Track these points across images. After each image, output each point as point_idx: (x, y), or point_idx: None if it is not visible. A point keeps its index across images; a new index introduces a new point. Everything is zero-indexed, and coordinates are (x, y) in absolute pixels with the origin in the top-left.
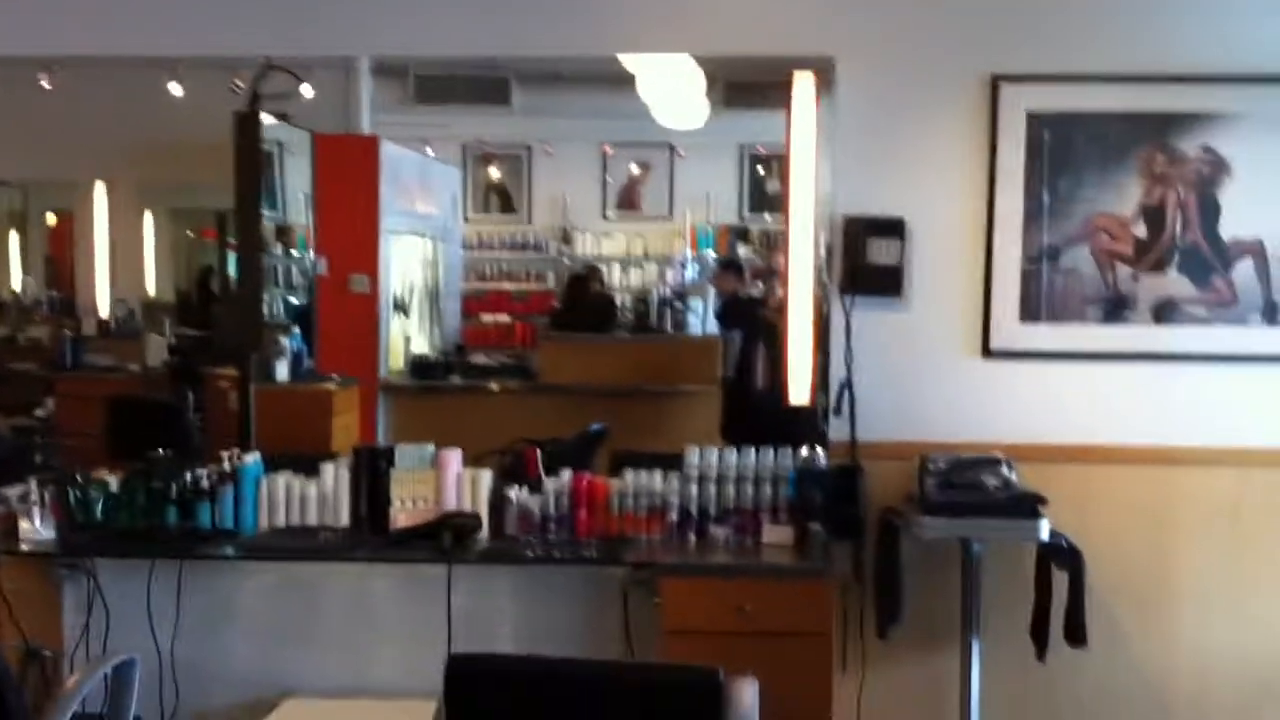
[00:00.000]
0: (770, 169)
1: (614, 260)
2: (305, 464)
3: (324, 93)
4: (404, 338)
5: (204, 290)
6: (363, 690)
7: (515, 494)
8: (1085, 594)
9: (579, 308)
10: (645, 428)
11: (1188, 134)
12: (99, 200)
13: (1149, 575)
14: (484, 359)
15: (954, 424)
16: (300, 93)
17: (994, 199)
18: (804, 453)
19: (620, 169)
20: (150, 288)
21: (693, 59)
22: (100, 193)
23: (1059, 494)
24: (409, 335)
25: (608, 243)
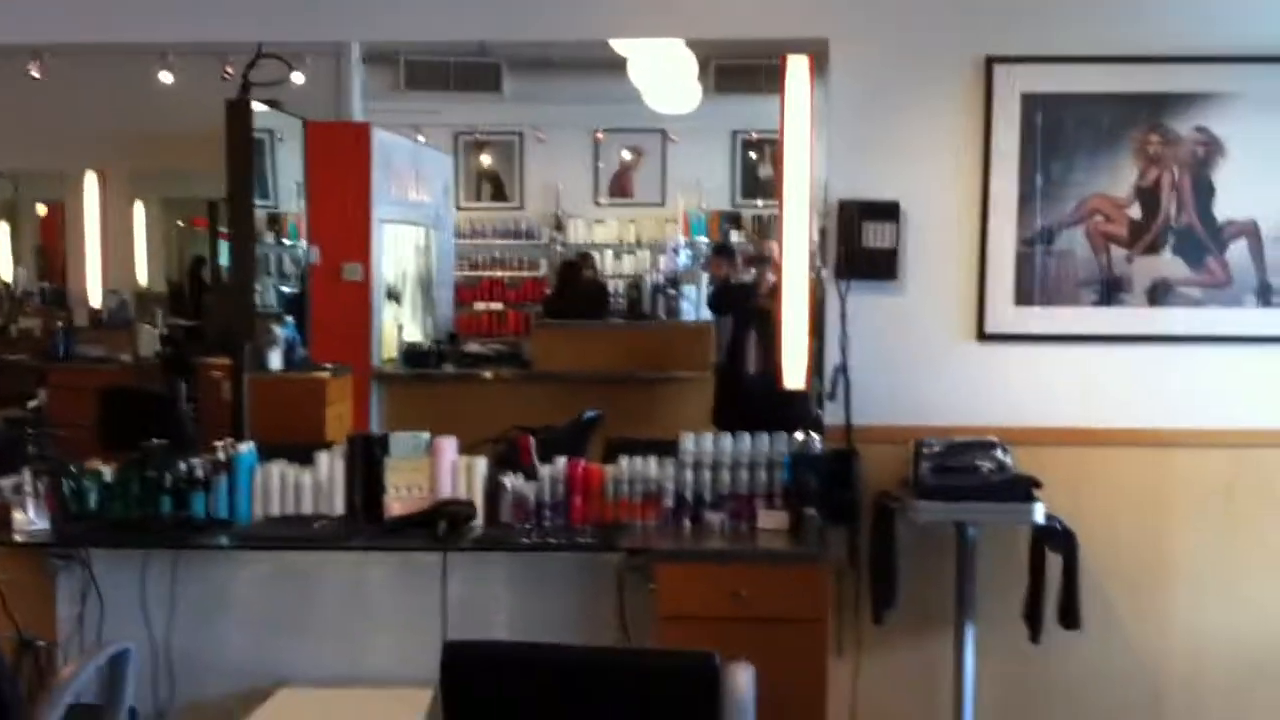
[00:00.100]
0: (762, 154)
1: (606, 247)
2: (299, 453)
3: (315, 80)
4: (397, 326)
5: (195, 280)
6: (358, 679)
7: (510, 481)
8: (1079, 576)
9: (571, 295)
10: (638, 414)
11: (1182, 114)
12: (90, 190)
13: (1143, 557)
14: (477, 347)
15: (949, 408)
16: (291, 80)
17: (988, 181)
18: (799, 438)
19: (612, 155)
20: (142, 278)
21: (684, 43)
22: (91, 183)
23: (1053, 477)
24: (402, 323)
25: (600, 229)
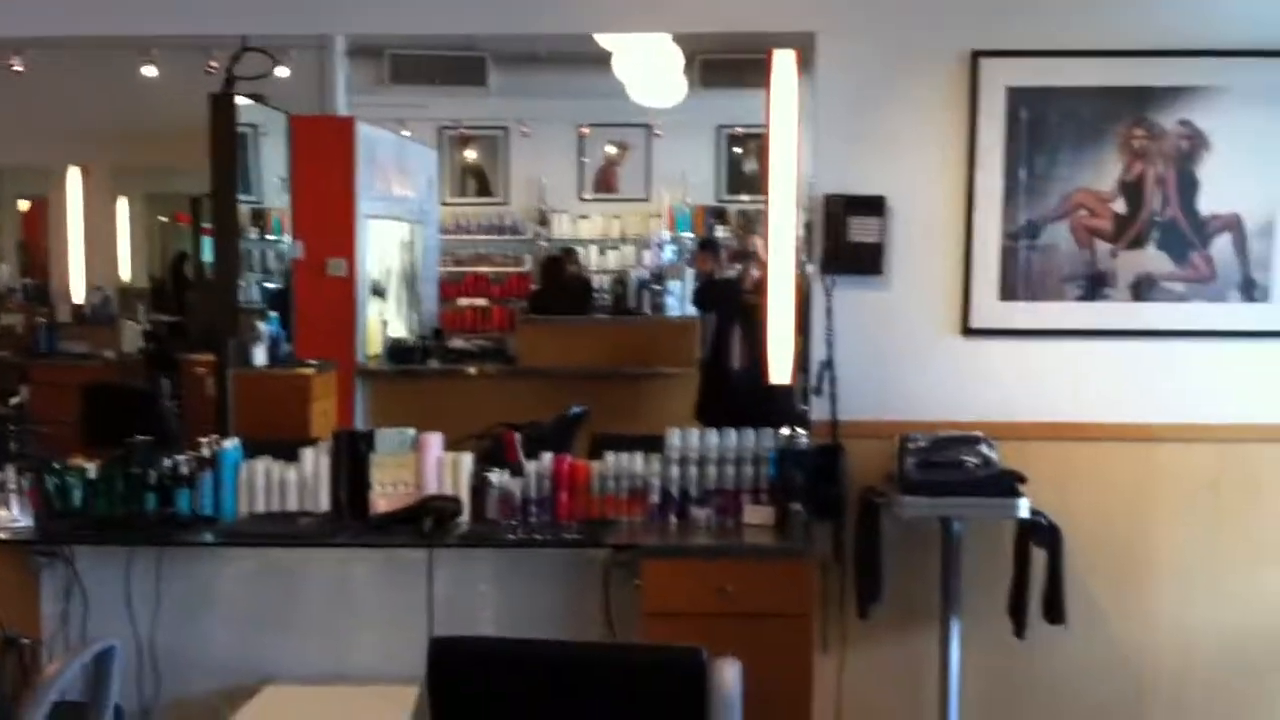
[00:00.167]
0: (747, 149)
1: (591, 242)
2: (284, 450)
3: (299, 74)
4: (381, 322)
5: (178, 276)
6: (343, 676)
7: (496, 478)
8: (1064, 571)
9: (555, 290)
10: (624, 410)
11: (1166, 108)
12: (72, 186)
13: (1128, 552)
14: (462, 343)
15: (934, 403)
16: (275, 74)
17: (973, 175)
18: (785, 433)
19: (597, 150)
20: (125, 274)
21: (670, 37)
22: (74, 178)
23: (1038, 472)
24: (386, 319)
25: (585, 224)
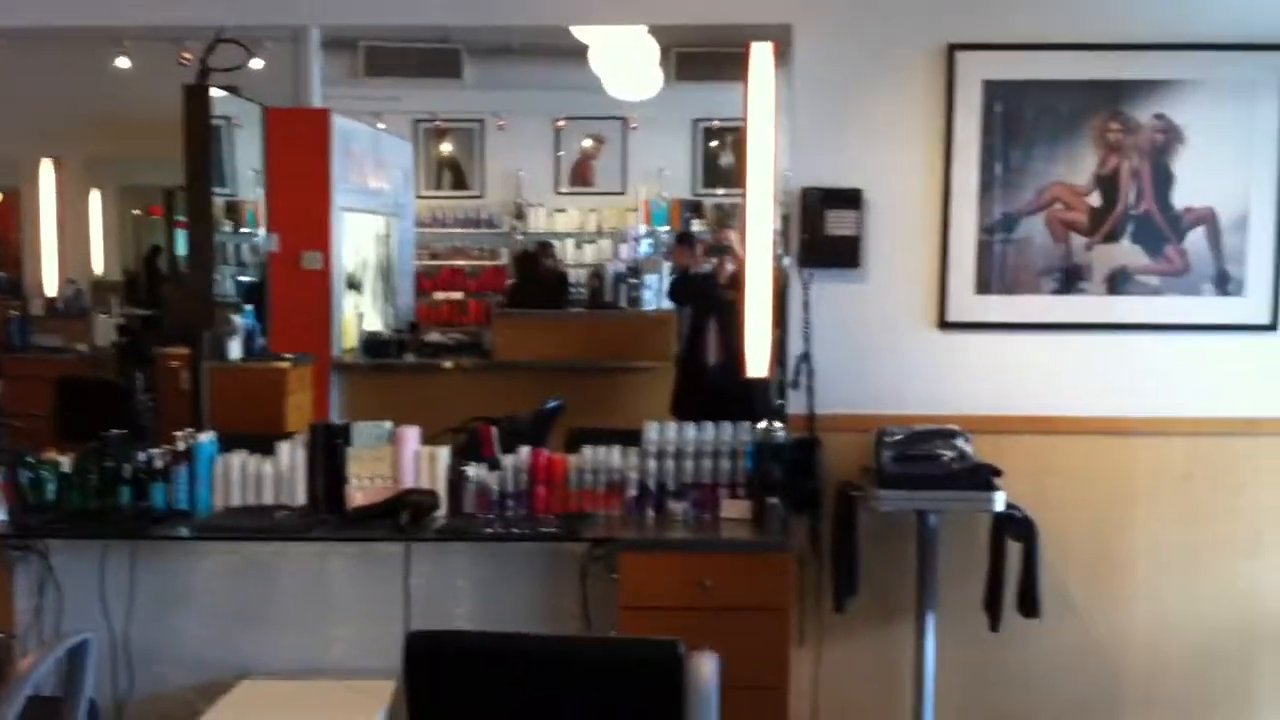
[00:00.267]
0: (724, 142)
1: (568, 235)
2: (260, 443)
3: (273, 66)
4: (357, 315)
5: (152, 269)
6: (320, 670)
7: (473, 471)
8: (1039, 564)
9: (530, 284)
10: (600, 404)
11: (1142, 102)
12: (45, 178)
13: (1102, 545)
14: (438, 336)
15: (911, 396)
16: (250, 66)
17: (950, 169)
18: (762, 426)
19: (573, 143)
20: (98, 267)
21: (646, 30)
22: (46, 170)
23: (1014, 465)
24: (362, 313)
25: (561, 218)
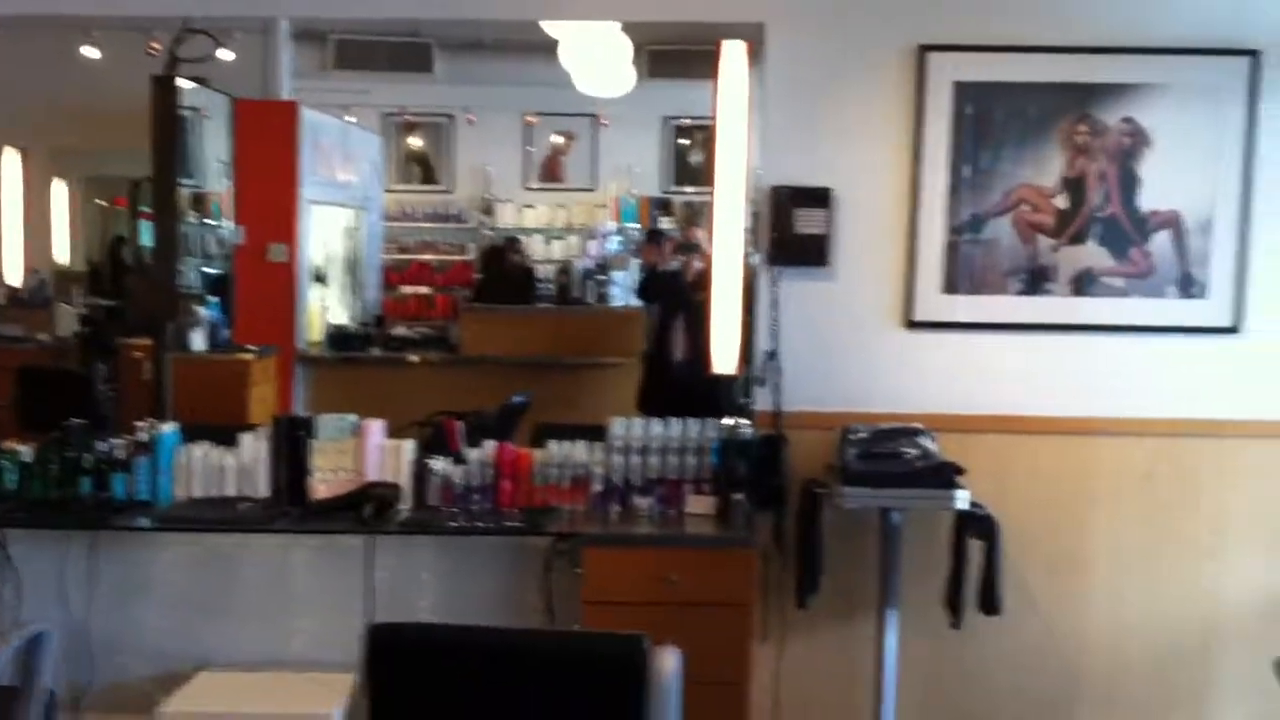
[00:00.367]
0: (694, 140)
1: (536, 231)
2: (223, 435)
3: (242, 57)
4: (323, 308)
5: (116, 260)
6: (280, 662)
7: (438, 465)
8: (1000, 562)
9: (497, 279)
10: (566, 399)
11: (1110, 105)
12: (9, 167)
13: (1064, 544)
14: (404, 330)
15: (876, 394)
16: (218, 57)
17: (919, 169)
18: (727, 423)
19: (543, 139)
20: (62, 257)
21: (618, 26)
22: (11, 159)
23: (977, 464)
24: (328, 306)
25: (530, 214)
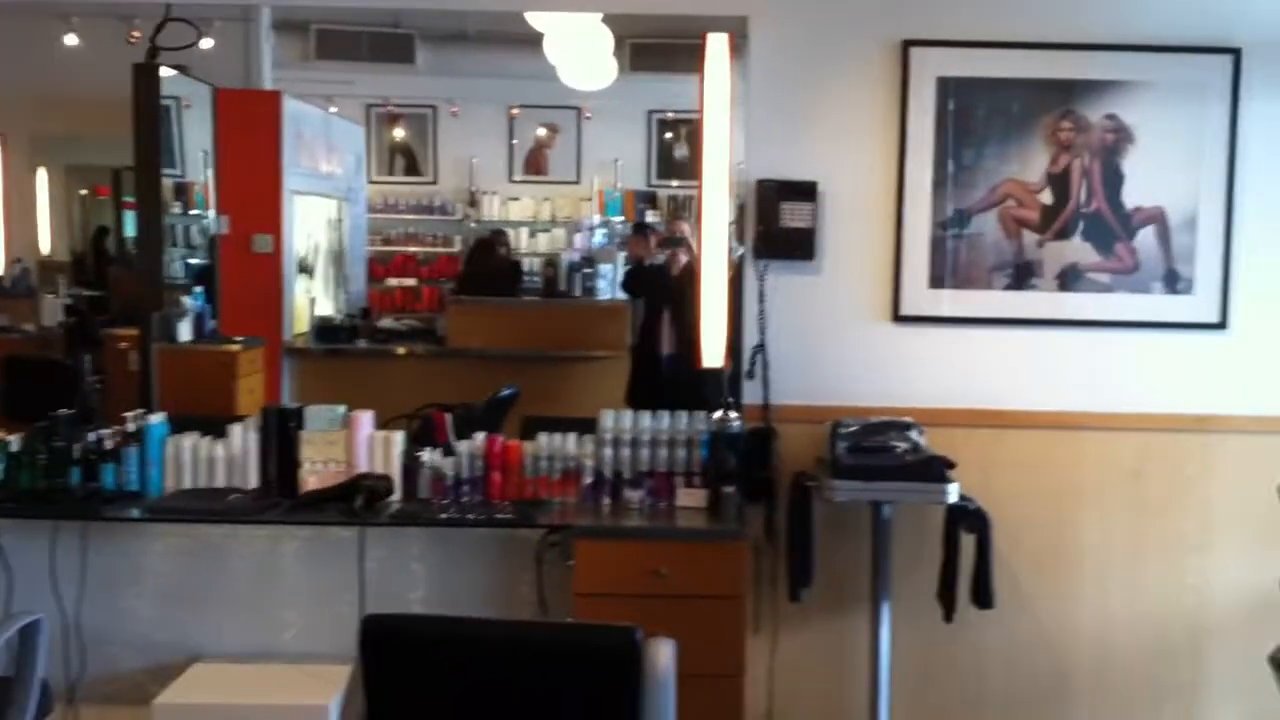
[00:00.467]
0: (678, 134)
1: (521, 224)
2: (212, 426)
3: (223, 47)
4: (309, 300)
5: (99, 250)
6: (272, 654)
7: (428, 457)
8: (992, 556)
9: (482, 272)
10: (553, 393)
11: (1093, 102)
12: None
13: (1052, 538)
14: (390, 322)
15: (865, 388)
16: (200, 46)
17: (904, 163)
18: (717, 416)
19: (527, 131)
20: (44, 246)
21: (601, 18)
22: None
23: (965, 458)
24: (314, 297)
25: (515, 206)
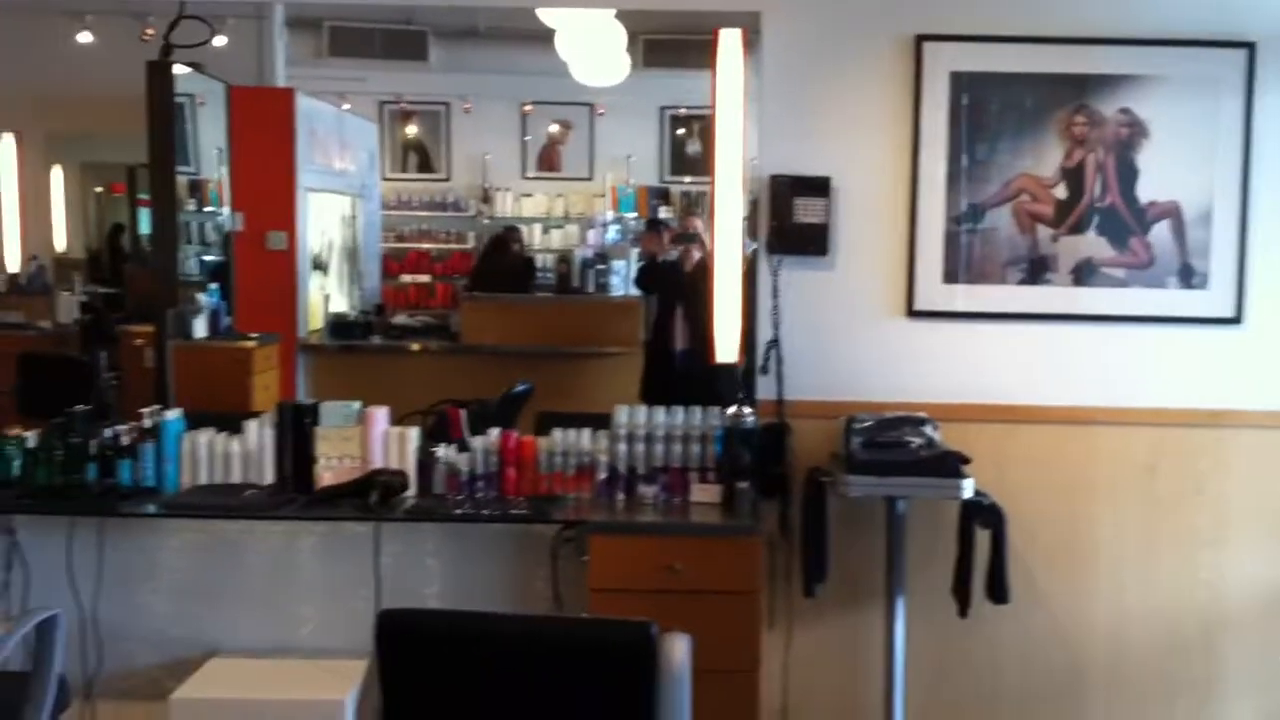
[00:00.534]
0: (690, 130)
1: (534, 220)
2: (227, 422)
3: (237, 44)
4: (323, 296)
5: (115, 248)
6: (288, 649)
7: (443, 452)
8: (1007, 551)
9: (495, 268)
10: (567, 389)
11: (1107, 96)
12: (6, 153)
13: (1066, 533)
14: (404, 319)
15: (879, 383)
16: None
17: (918, 158)
18: (731, 411)
19: (540, 128)
20: (60, 244)
21: (613, 14)
22: (7, 145)
23: (979, 453)
24: (328, 294)
25: (528, 202)
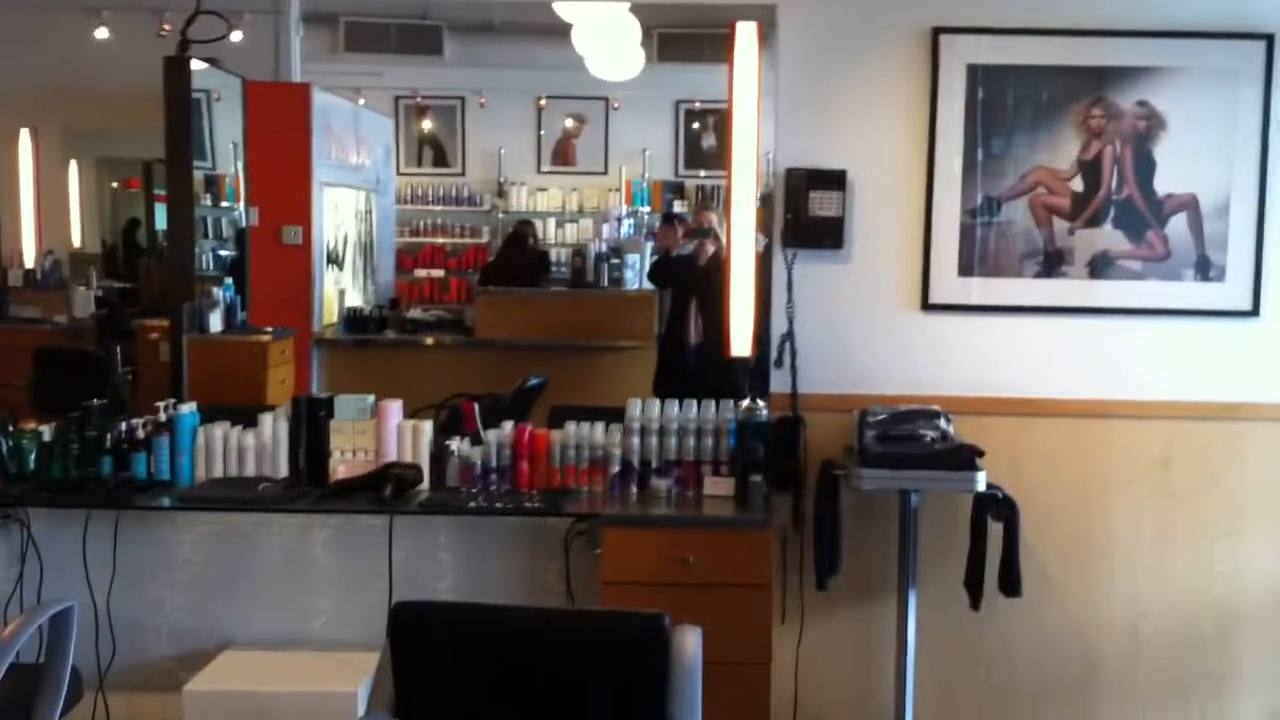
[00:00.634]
0: (705, 124)
1: (549, 215)
2: (242, 416)
3: (253, 39)
4: (338, 291)
5: (130, 242)
6: (302, 642)
7: (456, 445)
8: (1020, 544)
9: (512, 263)
10: (581, 382)
11: (1124, 88)
12: (23, 148)
13: (1080, 527)
14: (419, 313)
15: (893, 376)
16: (229, 39)
17: (933, 151)
18: (744, 405)
19: (555, 122)
20: (76, 239)
21: (628, 8)
22: (24, 140)
23: (994, 446)
24: (343, 288)
25: (543, 196)
